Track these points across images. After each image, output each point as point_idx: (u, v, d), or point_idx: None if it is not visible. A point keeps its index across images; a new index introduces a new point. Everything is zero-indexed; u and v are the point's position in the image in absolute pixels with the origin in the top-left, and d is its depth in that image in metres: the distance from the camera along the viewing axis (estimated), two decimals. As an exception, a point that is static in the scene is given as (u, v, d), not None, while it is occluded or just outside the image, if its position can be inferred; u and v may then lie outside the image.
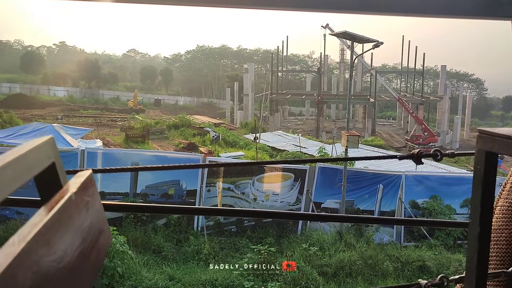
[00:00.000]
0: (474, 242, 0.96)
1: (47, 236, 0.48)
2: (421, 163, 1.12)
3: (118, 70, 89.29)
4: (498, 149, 0.88)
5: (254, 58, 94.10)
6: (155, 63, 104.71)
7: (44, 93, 65.67)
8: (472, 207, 0.96)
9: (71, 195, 0.57)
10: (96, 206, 0.67)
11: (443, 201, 16.77)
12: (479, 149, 0.92)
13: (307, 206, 16.40)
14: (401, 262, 14.37)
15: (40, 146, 0.56)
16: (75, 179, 0.64)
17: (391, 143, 44.63)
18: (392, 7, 0.99)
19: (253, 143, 27.64)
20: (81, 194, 0.61)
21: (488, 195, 0.94)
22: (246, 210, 3.30)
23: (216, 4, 0.95)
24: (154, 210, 4.14)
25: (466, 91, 77.93)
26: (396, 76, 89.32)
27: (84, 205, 0.61)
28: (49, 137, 0.60)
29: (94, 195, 0.67)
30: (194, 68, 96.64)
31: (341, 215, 6.44)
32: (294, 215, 6.81)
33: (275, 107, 51.34)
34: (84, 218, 0.60)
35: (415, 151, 1.10)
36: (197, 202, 15.58)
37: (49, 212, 0.51)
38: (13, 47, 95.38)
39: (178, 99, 77.52)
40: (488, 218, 0.96)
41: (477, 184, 0.93)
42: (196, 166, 7.10)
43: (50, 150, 0.59)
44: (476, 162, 0.93)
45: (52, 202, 0.54)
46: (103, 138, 29.72)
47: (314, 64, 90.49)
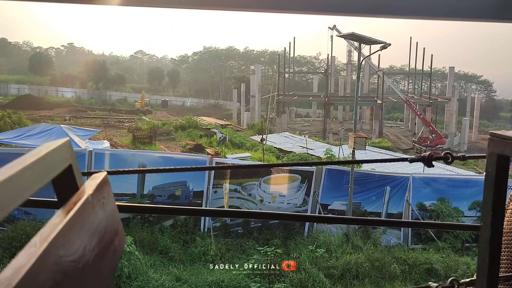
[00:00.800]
0: (485, 245, 0.96)
1: (67, 237, 0.49)
2: (432, 166, 1.12)
3: (125, 71, 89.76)
4: (510, 152, 0.88)
5: (261, 59, 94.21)
6: (162, 64, 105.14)
7: (52, 94, 66.22)
8: (484, 210, 0.96)
9: (88, 197, 0.58)
10: (111, 207, 0.68)
11: (451, 204, 16.65)
12: (491, 152, 0.92)
13: (314, 208, 16.37)
14: (409, 264, 14.28)
15: (58, 149, 0.57)
16: (90, 181, 0.65)
17: (398, 145, 44.44)
18: (401, 9, 1.00)
19: (260, 144, 27.65)
20: (97, 196, 0.62)
21: (499, 198, 0.93)
22: (253, 212, 3.30)
23: (222, 7, 0.95)
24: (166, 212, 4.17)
25: (475, 93, 77.44)
26: (403, 78, 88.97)
27: (100, 207, 0.62)
28: (66, 139, 0.61)
29: (109, 196, 0.68)
30: (201, 70, 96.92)
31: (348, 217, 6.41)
32: (300, 217, 6.77)
33: (282, 109, 51.33)
34: (101, 219, 0.61)
35: (425, 154, 1.10)
36: (204, 204, 15.61)
37: (68, 213, 0.52)
38: (22, 48, 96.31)
39: (185, 100, 77.79)
40: (499, 222, 0.95)
41: (489, 187, 0.93)
42: (204, 169, 7.11)
43: (67, 152, 0.60)
44: (488, 165, 0.92)
45: (70, 204, 0.55)
46: (111, 139, 29.88)
47: (321, 66, 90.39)
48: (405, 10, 1.01)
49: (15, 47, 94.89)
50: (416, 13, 1.05)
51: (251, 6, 0.94)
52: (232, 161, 20.83)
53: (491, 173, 0.92)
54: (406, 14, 1.02)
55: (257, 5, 0.93)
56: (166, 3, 0.88)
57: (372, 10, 1.02)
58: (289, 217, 6.47)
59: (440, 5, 1.01)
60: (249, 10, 0.90)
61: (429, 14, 1.04)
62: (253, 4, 0.92)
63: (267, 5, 0.93)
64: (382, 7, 0.99)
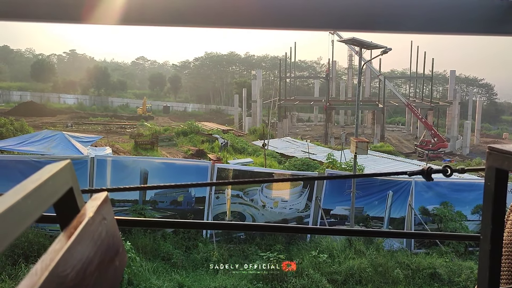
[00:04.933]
0: (485, 258, 0.96)
1: (68, 263, 0.49)
2: (431, 180, 1.12)
3: (127, 77, 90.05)
4: (509, 167, 0.88)
5: (262, 64, 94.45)
6: (163, 70, 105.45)
7: (54, 101, 66.42)
8: (483, 223, 0.96)
9: (89, 220, 0.59)
10: (112, 228, 0.68)
11: (453, 208, 16.60)
12: (489, 166, 0.93)
13: (316, 213, 16.35)
14: (412, 269, 14.22)
15: (59, 172, 0.58)
16: (91, 201, 0.66)
17: (400, 149, 44.39)
18: (401, 25, 1.01)
19: (262, 149, 27.65)
20: (98, 218, 0.63)
21: (499, 211, 0.94)
22: (255, 225, 3.26)
23: (221, 26, 0.96)
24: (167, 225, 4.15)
25: (476, 96, 77.41)
26: (405, 82, 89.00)
27: (101, 229, 0.63)
28: (67, 161, 0.62)
29: (110, 216, 0.69)
30: (203, 75, 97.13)
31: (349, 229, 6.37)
32: (301, 229, 6.70)
33: (283, 113, 51.38)
34: (102, 241, 0.62)
35: (424, 167, 1.11)
36: (206, 209, 15.60)
37: (69, 238, 0.52)
38: (24, 55, 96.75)
39: (186, 106, 77.93)
40: (499, 235, 0.96)
41: (488, 200, 0.93)
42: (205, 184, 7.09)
43: (68, 175, 0.61)
44: (487, 179, 0.93)
45: (71, 228, 0.56)
46: (113, 145, 29.91)
47: (322, 70, 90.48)
48: (404, 26, 1.02)
49: (18, 54, 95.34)
50: (416, 28, 1.06)
51: (251, 24, 0.95)
52: (234, 166, 20.81)
53: (490, 187, 0.93)
54: (405, 29, 1.03)
55: (255, 23, 0.94)
56: (165, 22, 0.89)
57: (372, 26, 1.03)
58: (289, 229, 6.40)
59: (439, 20, 1.02)
60: (249, 28, 0.91)
61: (429, 29, 1.05)
62: (251, 21, 0.93)
63: (265, 22, 0.94)
64: (382, 23, 1.00)
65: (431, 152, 39.64)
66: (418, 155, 40.17)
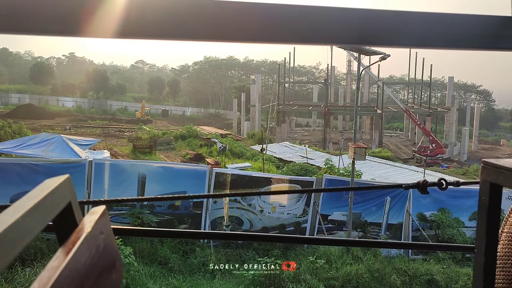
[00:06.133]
0: (479, 272, 0.97)
1: (66, 281, 0.50)
2: (426, 193, 1.13)
3: (126, 81, 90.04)
4: (503, 182, 0.89)
5: (261, 69, 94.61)
6: (162, 74, 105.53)
7: (53, 104, 66.35)
8: (477, 236, 0.97)
9: (87, 235, 0.60)
10: (110, 242, 0.69)
11: (451, 214, 16.63)
12: (484, 180, 0.93)
13: (314, 218, 16.34)
14: (409, 275, 14.22)
15: (58, 188, 0.58)
16: (89, 216, 0.66)
17: (398, 155, 44.45)
18: (399, 40, 1.02)
19: (260, 154, 27.64)
20: (96, 232, 0.63)
21: (493, 225, 0.95)
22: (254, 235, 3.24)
23: (215, 40, 0.97)
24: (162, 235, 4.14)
25: (474, 103, 77.61)
26: (403, 87, 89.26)
27: (99, 244, 0.64)
28: (66, 176, 0.63)
29: (107, 230, 0.69)
30: (202, 79, 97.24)
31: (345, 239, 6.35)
32: (299, 240, 6.65)
33: (282, 118, 51.43)
34: (99, 256, 0.63)
35: (420, 180, 1.12)
36: (203, 214, 15.58)
37: (67, 255, 0.53)
38: (23, 58, 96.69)
39: (185, 109, 77.96)
40: (493, 248, 0.97)
41: (482, 215, 0.94)
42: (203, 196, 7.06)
43: (67, 190, 0.61)
44: (481, 193, 0.94)
45: (69, 243, 0.57)
46: (111, 148, 29.87)
47: (320, 75, 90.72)
48: (402, 41, 1.03)
49: (17, 57, 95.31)
50: (414, 44, 1.07)
51: (247, 39, 0.96)
52: (232, 171, 20.80)
53: (484, 201, 0.93)
54: (402, 44, 1.04)
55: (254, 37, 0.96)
56: (163, 36, 0.90)
57: (369, 41, 1.05)
58: (287, 240, 6.36)
59: (437, 36, 1.04)
60: (245, 42, 0.92)
61: (428, 44, 1.06)
62: (250, 36, 0.95)
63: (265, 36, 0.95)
64: (380, 38, 1.01)
65: (429, 158, 39.71)
66: (416, 161, 40.22)
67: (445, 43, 1.03)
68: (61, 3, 0.86)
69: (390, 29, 0.98)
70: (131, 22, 0.88)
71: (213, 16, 0.91)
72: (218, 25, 0.91)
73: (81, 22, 0.86)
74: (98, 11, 0.86)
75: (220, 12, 0.92)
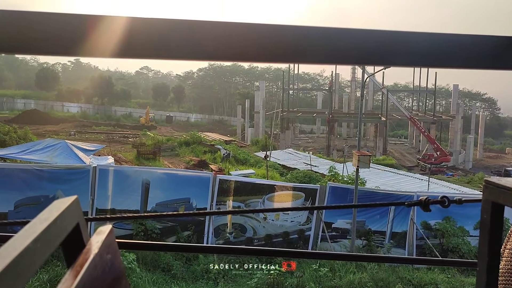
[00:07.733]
0: (482, 289, 0.98)
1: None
2: (429, 210, 1.14)
3: (130, 87, 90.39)
4: (505, 201, 0.90)
5: (265, 76, 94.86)
6: (167, 80, 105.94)
7: (58, 109, 66.73)
8: (480, 254, 0.98)
9: (95, 257, 0.61)
10: (116, 261, 0.70)
11: (456, 223, 16.53)
12: (486, 199, 0.94)
13: (318, 226, 16.30)
14: (413, 284, 14.13)
15: (67, 210, 0.60)
16: (96, 236, 0.68)
17: (403, 162, 44.31)
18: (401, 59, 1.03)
19: (264, 160, 27.64)
20: (103, 253, 0.65)
21: (495, 243, 0.95)
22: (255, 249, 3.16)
23: (215, 59, 0.99)
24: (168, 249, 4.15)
25: (479, 111, 77.35)
26: (408, 95, 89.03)
27: (106, 264, 0.65)
28: (74, 198, 0.64)
29: (114, 249, 0.71)
30: (206, 86, 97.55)
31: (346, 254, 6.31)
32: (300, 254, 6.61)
33: (286, 125, 51.45)
34: (106, 276, 0.64)
35: (422, 198, 1.13)
36: (207, 221, 15.56)
37: (75, 278, 0.54)
38: (29, 63, 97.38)
39: (189, 116, 78.15)
40: (495, 266, 0.97)
41: (484, 233, 0.95)
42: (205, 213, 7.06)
43: (75, 212, 0.63)
44: (483, 212, 0.95)
45: (77, 266, 0.58)
46: (115, 154, 29.93)
47: (325, 83, 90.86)
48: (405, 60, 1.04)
49: (22, 63, 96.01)
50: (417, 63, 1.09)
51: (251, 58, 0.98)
52: (235, 178, 20.81)
53: (487, 219, 0.94)
54: (406, 64, 1.05)
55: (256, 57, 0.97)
56: (162, 56, 0.92)
57: (372, 61, 1.06)
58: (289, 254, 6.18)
59: (440, 56, 1.05)
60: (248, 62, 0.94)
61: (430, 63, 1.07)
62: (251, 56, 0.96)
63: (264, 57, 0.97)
64: (383, 57, 1.03)
65: (434, 166, 39.55)
66: (421, 169, 40.07)
67: (449, 63, 1.04)
68: (61, 26, 0.88)
69: (390, 49, 0.99)
70: (131, 43, 0.90)
71: (213, 38, 0.93)
72: (218, 46, 0.93)
73: (80, 43, 0.88)
74: (96, 31, 0.87)
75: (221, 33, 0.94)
